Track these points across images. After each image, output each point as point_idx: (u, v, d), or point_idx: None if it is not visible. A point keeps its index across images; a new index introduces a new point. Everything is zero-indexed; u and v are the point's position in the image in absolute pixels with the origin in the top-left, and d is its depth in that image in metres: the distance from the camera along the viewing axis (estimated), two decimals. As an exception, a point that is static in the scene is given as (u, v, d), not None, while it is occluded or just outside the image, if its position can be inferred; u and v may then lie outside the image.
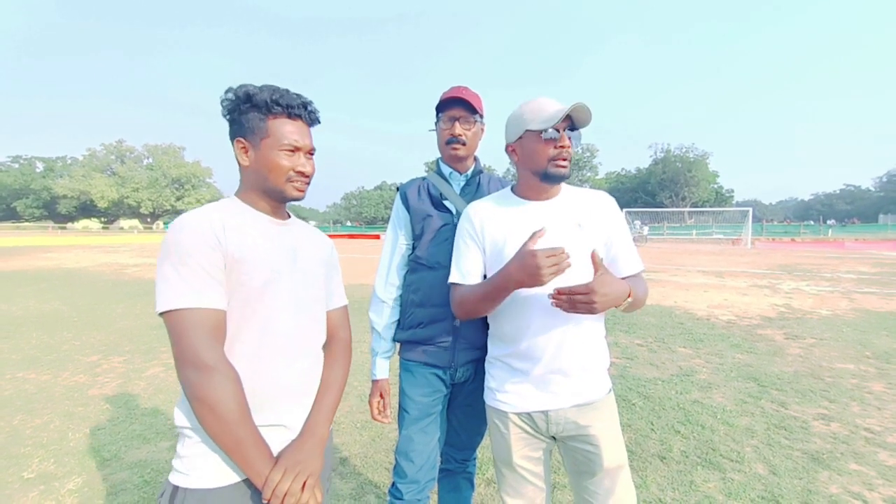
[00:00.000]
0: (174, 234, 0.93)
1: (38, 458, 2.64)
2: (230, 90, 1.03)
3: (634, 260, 1.29)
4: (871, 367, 4.20)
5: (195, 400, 0.87)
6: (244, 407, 0.91)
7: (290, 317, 1.03)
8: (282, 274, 1.03)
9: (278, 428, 1.01)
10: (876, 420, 3.10)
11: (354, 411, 3.29)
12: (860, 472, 2.47)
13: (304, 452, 0.99)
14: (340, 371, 1.18)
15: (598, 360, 1.28)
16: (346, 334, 1.25)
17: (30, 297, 8.15)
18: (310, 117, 1.08)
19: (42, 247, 23.63)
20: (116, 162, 60.88)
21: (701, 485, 2.35)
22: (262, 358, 0.99)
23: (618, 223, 1.29)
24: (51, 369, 4.21)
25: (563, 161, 1.20)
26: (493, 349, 1.35)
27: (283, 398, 1.01)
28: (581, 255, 1.20)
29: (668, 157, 57.64)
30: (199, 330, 0.88)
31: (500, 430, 1.31)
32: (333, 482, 2.41)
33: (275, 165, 1.02)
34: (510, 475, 1.32)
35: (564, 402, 1.23)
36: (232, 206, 1.04)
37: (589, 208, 1.27)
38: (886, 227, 41.20)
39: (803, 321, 6.11)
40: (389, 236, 1.62)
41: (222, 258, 0.94)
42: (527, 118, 1.21)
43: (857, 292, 8.57)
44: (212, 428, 0.88)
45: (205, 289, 0.91)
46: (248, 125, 1.02)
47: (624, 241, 1.29)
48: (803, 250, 22.39)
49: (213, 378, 0.87)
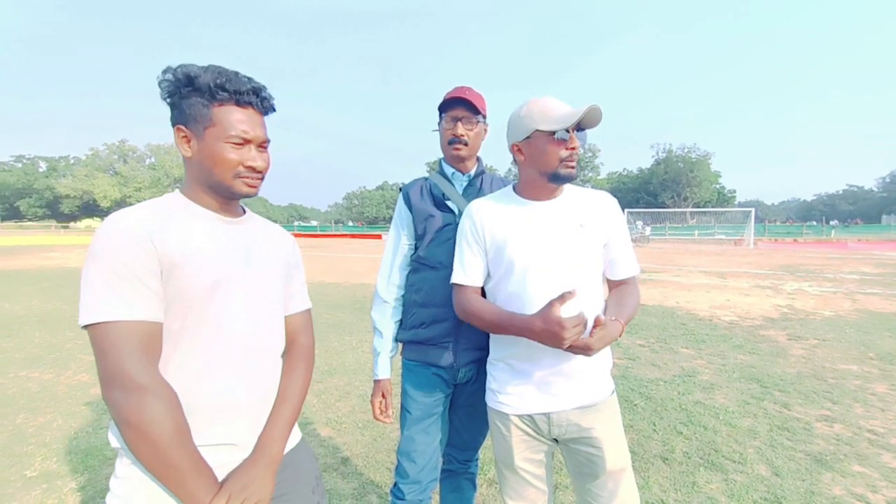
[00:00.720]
0: (101, 235, 0.82)
1: (40, 456, 2.65)
2: (168, 70, 0.91)
3: (631, 263, 1.30)
4: (874, 369, 4.18)
5: (123, 424, 0.78)
6: (181, 429, 0.81)
7: (243, 324, 0.93)
8: (231, 277, 0.92)
9: (227, 447, 0.91)
10: (879, 422, 3.08)
11: (356, 411, 3.28)
12: (863, 473, 2.45)
13: (253, 475, 0.90)
14: (299, 380, 1.06)
15: (601, 361, 1.27)
16: (308, 340, 1.14)
17: (33, 296, 8.18)
18: (262, 105, 0.96)
19: (45, 246, 23.72)
20: (119, 161, 60.95)
21: (703, 486, 2.34)
22: (210, 370, 0.89)
23: (619, 224, 1.29)
24: (53, 368, 4.22)
25: (573, 162, 1.20)
26: (495, 351, 1.35)
27: (233, 414, 0.92)
28: (582, 255, 1.22)
29: (671, 157, 57.56)
30: (128, 345, 0.78)
31: (502, 432, 1.31)
32: (335, 482, 2.41)
33: (220, 158, 0.91)
34: (512, 477, 1.32)
35: (566, 403, 1.23)
36: (174, 203, 0.93)
37: (591, 208, 1.27)
38: (889, 228, 41.06)
39: (806, 322, 6.09)
40: (392, 236, 1.62)
41: (157, 263, 0.83)
42: (536, 118, 1.19)
43: (860, 293, 8.53)
44: (143, 455, 0.78)
45: (135, 298, 0.80)
46: (189, 111, 0.90)
47: (623, 243, 1.29)
48: (806, 251, 22.31)
49: (143, 399, 0.77)
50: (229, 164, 0.92)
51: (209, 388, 0.89)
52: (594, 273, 1.25)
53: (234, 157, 0.92)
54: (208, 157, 0.91)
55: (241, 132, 0.92)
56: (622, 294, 1.27)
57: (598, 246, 1.25)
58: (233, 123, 0.91)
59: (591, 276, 1.23)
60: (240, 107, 0.92)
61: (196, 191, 0.96)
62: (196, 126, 0.91)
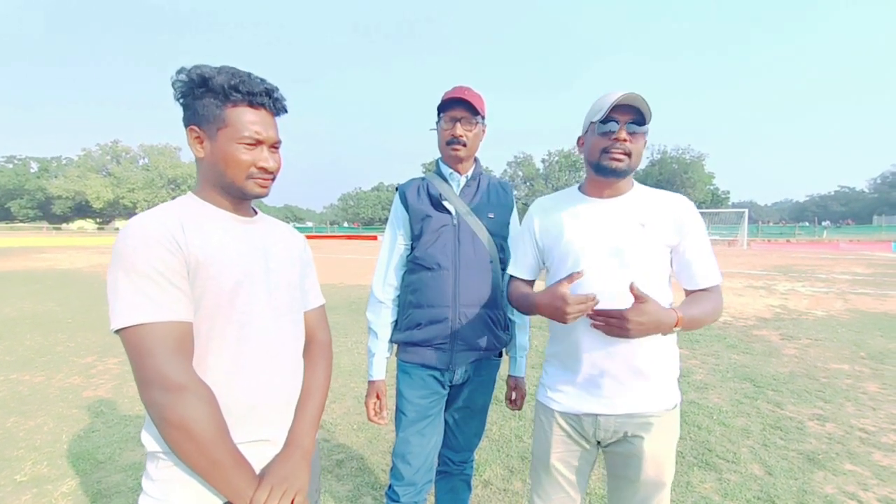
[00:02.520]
0: (125, 238, 0.82)
1: (31, 460, 2.61)
2: (182, 70, 0.92)
3: (709, 272, 1.19)
4: (865, 368, 4.22)
5: (165, 424, 0.79)
6: (221, 426, 0.83)
7: (268, 322, 0.95)
8: (254, 275, 0.94)
9: (261, 443, 0.93)
10: (870, 420, 3.11)
11: (351, 413, 3.27)
12: (855, 472, 2.48)
13: (290, 467, 0.92)
14: (322, 375, 1.09)
15: (660, 368, 1.20)
16: (326, 336, 1.17)
17: (24, 298, 8.08)
18: (275, 106, 0.96)
19: (36, 248, 23.46)
20: (112, 162, 60.45)
21: (697, 485, 2.36)
22: (240, 369, 0.90)
23: (691, 228, 1.19)
24: (45, 371, 4.18)
25: (617, 154, 1.14)
26: (549, 346, 1.35)
27: (264, 411, 0.94)
28: (639, 254, 1.17)
29: (665, 158, 57.90)
30: (164, 346, 0.79)
31: (543, 428, 1.29)
32: (330, 484, 2.40)
33: (233, 159, 0.92)
34: (544, 476, 1.29)
35: (617, 408, 1.18)
36: (189, 205, 0.94)
37: (656, 208, 1.20)
38: (880, 229, 41.46)
39: (799, 322, 6.15)
40: (388, 236, 1.61)
41: (183, 263, 0.84)
42: (592, 110, 1.20)
43: (852, 293, 8.62)
44: (186, 453, 0.80)
45: (165, 299, 0.81)
46: (202, 112, 0.91)
47: (698, 248, 1.20)
48: (798, 251, 22.51)
49: (183, 398, 0.78)
50: (242, 165, 0.92)
51: (241, 386, 0.90)
52: (654, 274, 1.18)
53: (247, 158, 0.93)
54: (221, 158, 0.92)
55: (253, 133, 0.92)
56: (695, 295, 1.20)
57: (660, 247, 1.18)
58: (245, 124, 0.92)
59: (649, 277, 1.16)
60: (253, 108, 0.93)
61: (209, 192, 0.96)
62: (209, 127, 0.91)
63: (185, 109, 0.94)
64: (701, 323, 1.15)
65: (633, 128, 1.15)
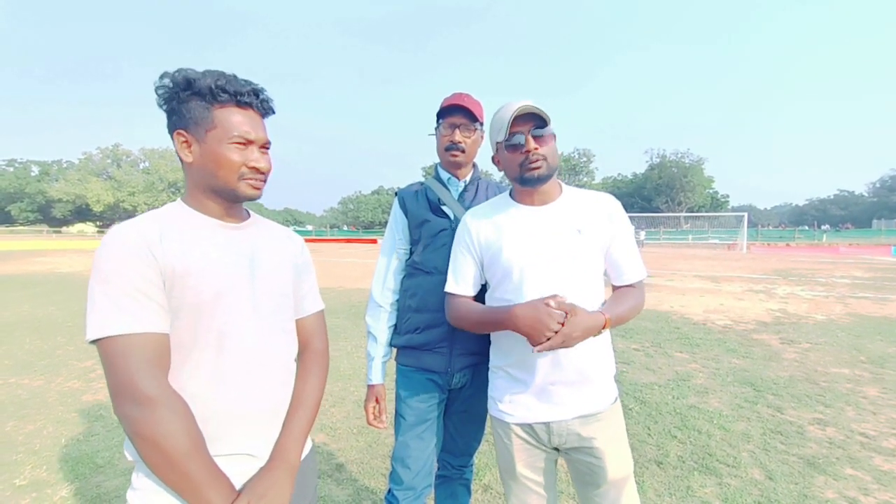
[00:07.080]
0: (102, 248, 0.82)
1: (30, 464, 2.61)
2: (165, 75, 0.90)
3: (635, 267, 1.25)
4: (865, 372, 4.22)
5: (136, 437, 0.77)
6: (196, 439, 0.81)
7: (252, 332, 0.92)
8: (237, 284, 0.92)
9: (243, 457, 0.90)
10: (871, 425, 3.11)
11: (351, 416, 3.27)
12: (856, 476, 2.47)
13: (271, 482, 0.89)
14: (314, 385, 1.06)
15: (602, 368, 1.24)
16: (322, 343, 1.13)
17: (23, 301, 8.08)
18: (262, 106, 0.95)
19: (36, 251, 23.49)
20: (112, 166, 60.60)
21: (698, 490, 2.35)
22: (220, 380, 0.88)
23: (619, 227, 1.24)
24: (44, 375, 4.17)
25: (534, 163, 1.16)
26: (494, 358, 1.34)
27: (246, 423, 0.91)
28: (579, 261, 1.20)
29: (664, 162, 58.13)
30: (136, 358, 0.78)
31: (503, 441, 1.30)
32: (330, 488, 2.39)
33: (224, 160, 0.90)
34: (515, 485, 1.31)
35: (567, 413, 1.21)
36: (175, 212, 0.92)
37: (589, 212, 1.23)
38: (880, 233, 41.53)
39: (798, 326, 6.14)
40: (387, 241, 1.62)
41: (159, 274, 0.83)
42: (493, 129, 1.23)
43: (852, 297, 8.62)
44: (157, 466, 0.78)
45: (139, 311, 0.80)
46: (189, 115, 0.89)
47: (625, 246, 1.25)
48: (798, 255, 22.53)
49: (155, 412, 0.77)
50: (233, 165, 0.91)
51: (221, 397, 0.88)
52: (592, 279, 1.22)
53: (238, 158, 0.91)
54: (212, 159, 0.90)
55: (243, 133, 0.91)
56: (620, 292, 1.25)
57: (596, 251, 1.22)
58: (234, 124, 0.90)
59: (588, 282, 1.20)
60: (240, 108, 0.92)
61: (198, 197, 0.94)
62: (197, 129, 0.90)
63: (169, 115, 0.92)
64: (626, 319, 1.21)
65: (538, 132, 1.17)
